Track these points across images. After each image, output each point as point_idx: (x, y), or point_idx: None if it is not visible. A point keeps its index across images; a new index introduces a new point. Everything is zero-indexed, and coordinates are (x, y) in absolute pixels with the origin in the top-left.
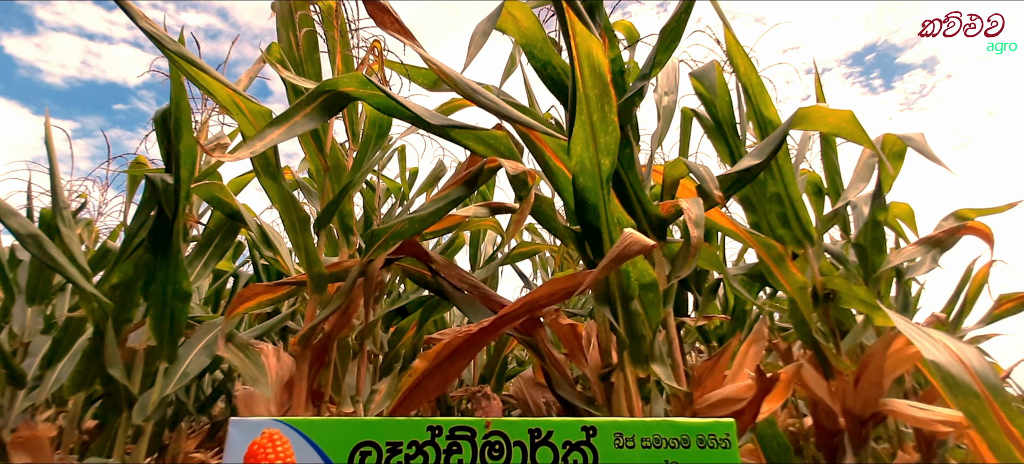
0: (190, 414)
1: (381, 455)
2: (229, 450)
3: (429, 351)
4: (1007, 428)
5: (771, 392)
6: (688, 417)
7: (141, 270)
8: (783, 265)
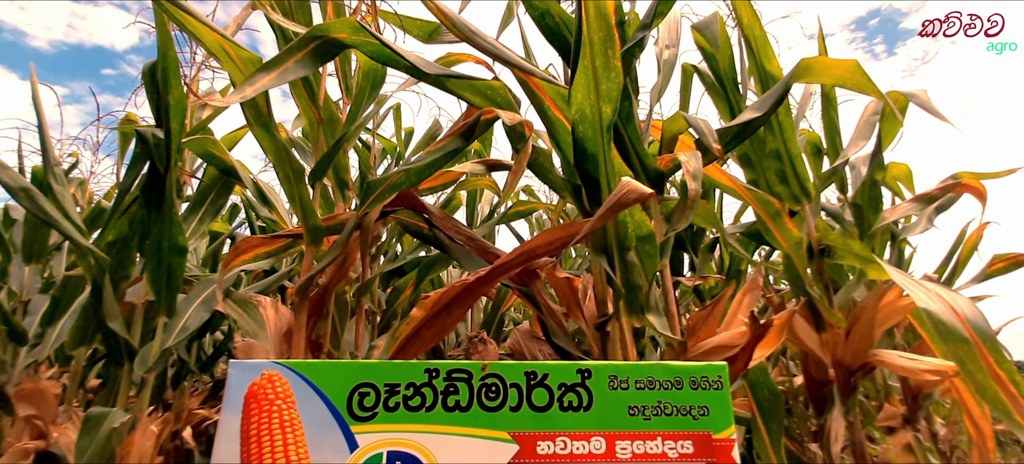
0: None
1: (379, 396)
2: (229, 391)
3: (426, 300)
4: (994, 371)
5: (764, 338)
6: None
7: (136, 227)
8: (780, 221)
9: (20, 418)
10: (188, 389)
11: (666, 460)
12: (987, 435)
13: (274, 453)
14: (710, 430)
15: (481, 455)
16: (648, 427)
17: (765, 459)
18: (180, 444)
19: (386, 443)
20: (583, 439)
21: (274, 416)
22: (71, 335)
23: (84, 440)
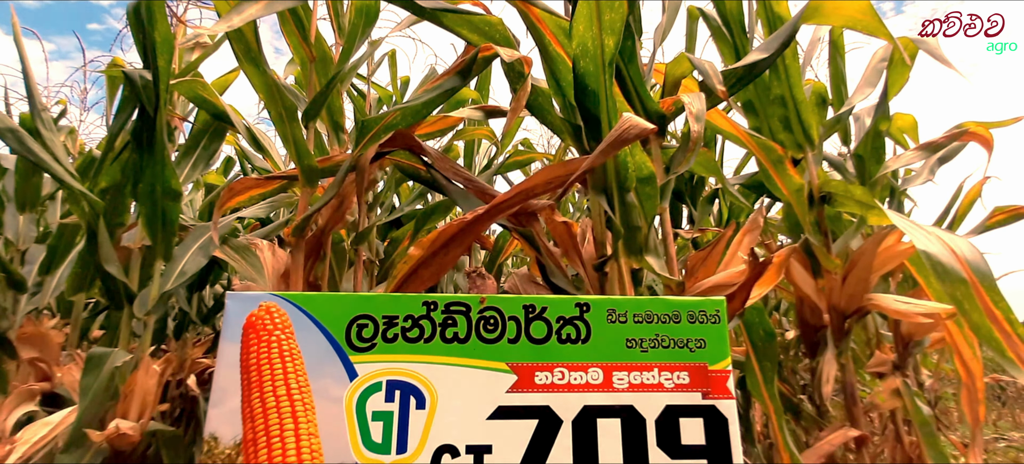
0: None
1: (378, 327)
2: (227, 322)
3: (424, 238)
4: (989, 310)
5: (762, 276)
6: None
7: (129, 173)
8: (781, 168)
9: (24, 361)
10: (190, 340)
11: (662, 390)
12: (977, 375)
13: (274, 381)
14: (706, 362)
15: (479, 385)
16: (645, 359)
17: (757, 397)
18: (185, 391)
19: (385, 373)
20: (581, 370)
21: (273, 346)
22: (69, 281)
23: (87, 378)
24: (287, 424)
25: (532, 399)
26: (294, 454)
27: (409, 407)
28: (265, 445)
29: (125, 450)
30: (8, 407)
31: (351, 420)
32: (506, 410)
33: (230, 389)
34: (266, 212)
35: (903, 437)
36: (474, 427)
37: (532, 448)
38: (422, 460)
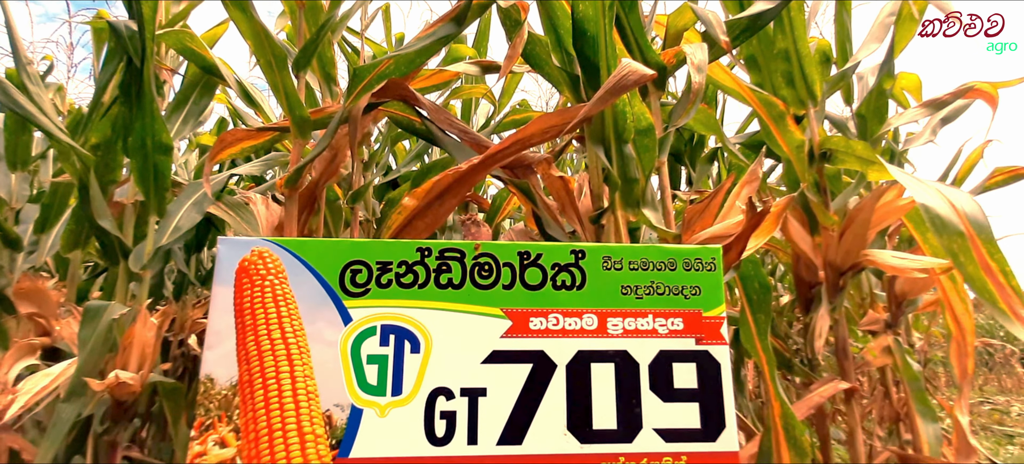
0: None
1: (371, 273)
2: (219, 266)
3: (419, 188)
4: (985, 263)
5: (759, 226)
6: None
7: (120, 129)
8: (783, 124)
9: (23, 317)
10: (190, 301)
11: (656, 336)
12: (968, 331)
13: (268, 324)
14: (701, 309)
15: (474, 330)
16: (640, 305)
17: (750, 348)
18: (186, 351)
19: (380, 317)
20: (575, 316)
21: (267, 290)
22: (64, 239)
23: (86, 330)
24: (282, 366)
25: (526, 344)
26: (290, 395)
27: (404, 351)
28: (261, 386)
29: (127, 401)
30: (9, 360)
31: (346, 363)
32: (500, 354)
33: (224, 332)
34: (261, 170)
35: (892, 394)
36: (468, 371)
37: (526, 391)
38: (417, 402)
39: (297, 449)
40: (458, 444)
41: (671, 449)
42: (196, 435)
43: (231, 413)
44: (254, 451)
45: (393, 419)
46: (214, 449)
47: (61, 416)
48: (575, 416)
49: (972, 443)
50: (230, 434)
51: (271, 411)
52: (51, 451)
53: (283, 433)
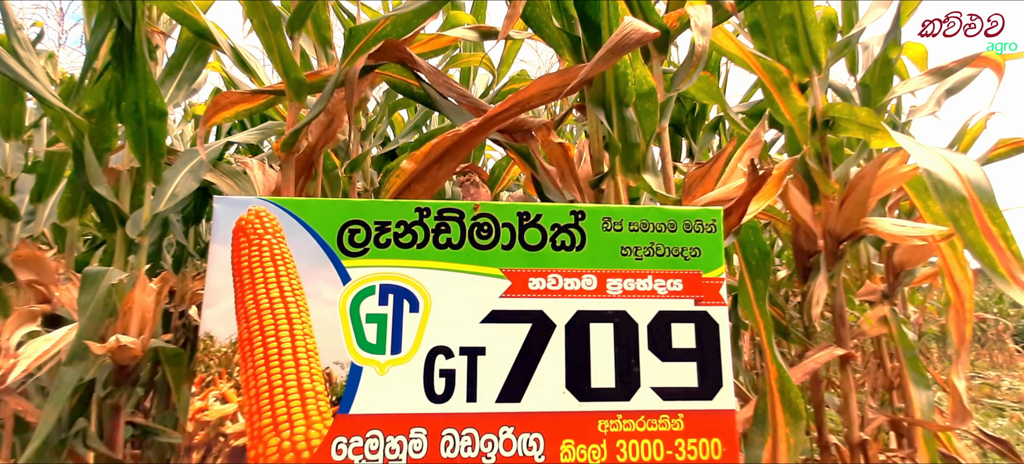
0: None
1: (370, 233)
2: (216, 225)
3: (417, 151)
4: (986, 227)
5: (761, 189)
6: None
7: (113, 96)
8: (786, 91)
9: (23, 285)
10: (189, 273)
11: (655, 297)
12: (966, 297)
13: (267, 283)
14: (700, 270)
15: (473, 289)
16: (639, 266)
17: (748, 314)
18: (187, 322)
19: (378, 277)
20: (575, 276)
21: (264, 249)
22: (61, 207)
23: (85, 296)
24: (281, 325)
25: (525, 304)
26: (290, 352)
27: (403, 310)
28: (261, 344)
29: (128, 365)
30: (10, 327)
31: (345, 322)
32: (499, 314)
33: (223, 290)
34: (257, 139)
35: (886, 365)
36: (467, 330)
37: (525, 350)
38: (416, 360)
39: (298, 405)
40: (457, 401)
41: (668, 407)
42: (197, 391)
43: (231, 370)
44: (255, 407)
45: (393, 377)
46: (215, 405)
47: (63, 379)
48: (574, 375)
49: (967, 408)
50: (231, 390)
51: (271, 368)
52: (54, 413)
53: (283, 389)
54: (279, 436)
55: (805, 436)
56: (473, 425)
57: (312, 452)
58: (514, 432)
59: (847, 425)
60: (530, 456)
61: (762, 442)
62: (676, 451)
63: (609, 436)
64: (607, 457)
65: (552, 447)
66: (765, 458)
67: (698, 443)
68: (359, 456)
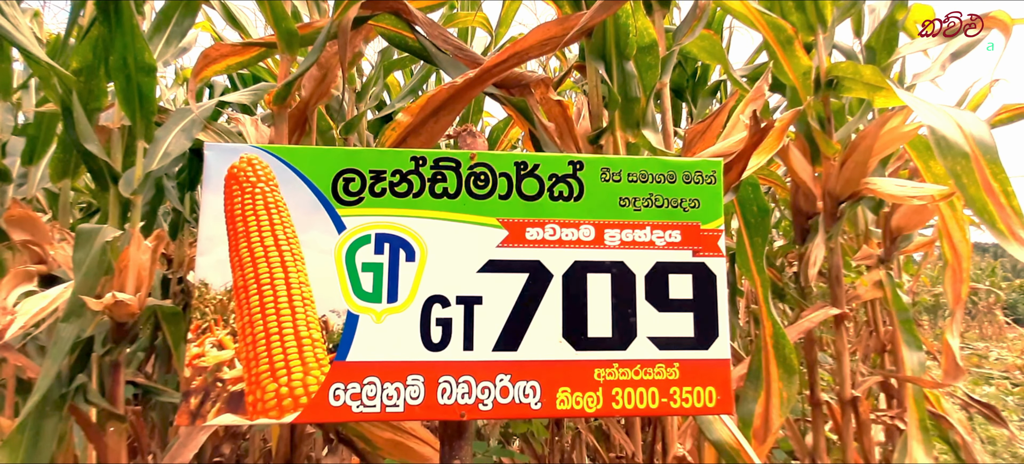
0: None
1: (365, 181)
2: (208, 173)
3: (413, 104)
4: (987, 183)
5: (762, 142)
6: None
7: (101, 53)
8: (791, 49)
9: (18, 247)
10: (187, 240)
11: (653, 248)
12: (963, 257)
13: (261, 232)
14: (699, 221)
15: (470, 239)
16: (638, 217)
17: (745, 272)
18: (185, 287)
19: (374, 226)
20: (572, 227)
21: (257, 197)
22: (53, 167)
23: (80, 253)
24: (277, 273)
25: (523, 254)
26: (286, 300)
27: (399, 259)
28: (256, 292)
29: (126, 322)
30: (6, 287)
31: (341, 270)
32: (496, 264)
33: (216, 238)
34: (250, 100)
35: (879, 328)
36: (464, 279)
37: (522, 300)
38: (413, 309)
39: (295, 352)
40: (454, 349)
41: (664, 356)
42: (193, 337)
43: (227, 317)
44: (252, 353)
45: (389, 325)
46: (212, 351)
47: (61, 335)
48: (570, 324)
49: (960, 365)
50: (227, 337)
51: (267, 315)
52: (54, 368)
53: (280, 337)
54: (277, 382)
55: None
56: (470, 373)
57: (310, 397)
58: (511, 380)
59: (839, 383)
60: (526, 403)
61: (755, 397)
62: (671, 399)
63: (605, 384)
64: (603, 405)
65: (548, 395)
66: (758, 411)
67: (693, 391)
68: (357, 402)
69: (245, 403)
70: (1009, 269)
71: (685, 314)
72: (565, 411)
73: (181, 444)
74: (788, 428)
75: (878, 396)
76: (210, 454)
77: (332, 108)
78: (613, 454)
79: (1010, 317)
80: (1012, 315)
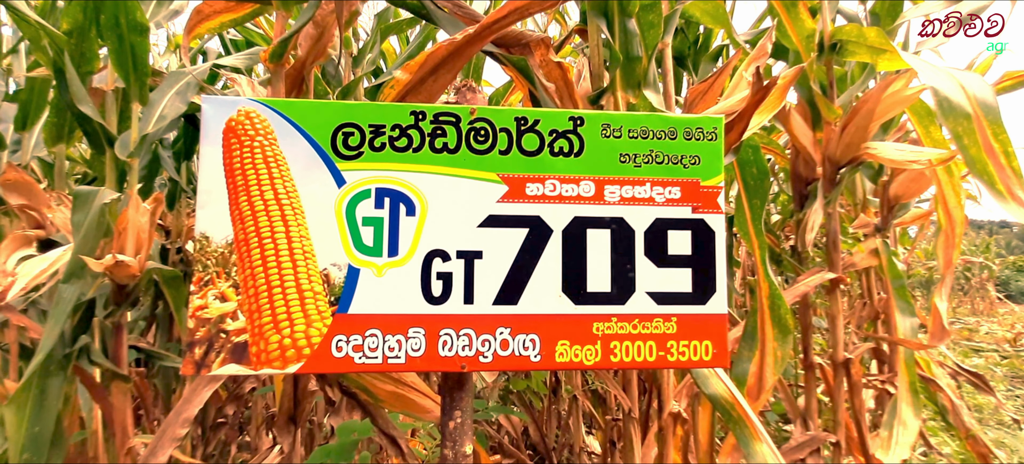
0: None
1: (364, 136)
2: (206, 127)
3: (412, 61)
4: (988, 144)
5: (764, 101)
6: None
7: (91, 13)
8: (795, 11)
9: (15, 212)
10: (184, 209)
11: (653, 204)
12: (958, 222)
13: (260, 185)
14: (699, 178)
15: (469, 194)
16: (638, 173)
17: (743, 234)
18: (184, 257)
19: (374, 181)
20: (572, 183)
21: (256, 151)
22: (47, 132)
23: (78, 215)
24: (277, 226)
25: (523, 209)
26: (287, 253)
27: (399, 214)
28: (257, 245)
29: (127, 284)
30: (5, 251)
31: (341, 224)
32: (496, 219)
33: (215, 191)
34: (244, 64)
35: (873, 297)
36: (464, 234)
37: (522, 254)
38: (413, 263)
39: (297, 304)
40: (454, 303)
41: (662, 311)
42: (196, 289)
43: (229, 270)
44: (255, 306)
45: (390, 278)
46: (214, 303)
47: (63, 296)
48: (570, 279)
49: (946, 327)
50: (230, 289)
51: (268, 269)
52: (56, 329)
53: (282, 289)
54: (280, 333)
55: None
56: (470, 326)
57: (313, 349)
58: (511, 333)
59: (833, 345)
60: (526, 356)
61: (750, 357)
62: (668, 352)
63: (603, 338)
64: (601, 358)
65: (548, 347)
66: (752, 370)
67: (690, 345)
68: (359, 353)
69: (249, 354)
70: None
71: (683, 270)
72: (564, 364)
73: (186, 399)
74: (781, 390)
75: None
76: (214, 416)
77: (328, 73)
78: (609, 417)
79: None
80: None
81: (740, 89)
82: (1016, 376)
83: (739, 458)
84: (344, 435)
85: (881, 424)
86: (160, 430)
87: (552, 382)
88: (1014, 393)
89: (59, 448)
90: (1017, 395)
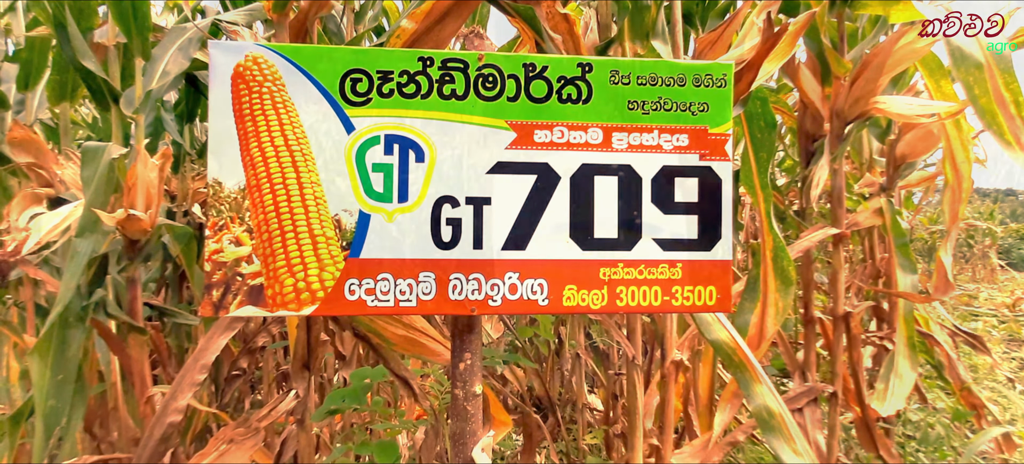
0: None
1: (372, 82)
2: (214, 73)
3: (418, 9)
4: (998, 94)
5: (774, 49)
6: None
7: None
8: None
9: (24, 172)
10: (189, 173)
11: (660, 151)
12: (964, 177)
13: (271, 131)
14: (707, 125)
15: (478, 140)
16: (646, 121)
17: (749, 187)
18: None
19: (382, 127)
20: (581, 130)
21: (265, 97)
22: (50, 89)
23: (88, 170)
24: (288, 172)
25: (531, 156)
26: (299, 199)
27: (408, 160)
28: (269, 191)
29: (139, 239)
30: (16, 208)
31: (351, 170)
32: (505, 165)
33: (226, 136)
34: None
35: (876, 256)
36: (473, 180)
37: (530, 201)
38: (423, 209)
39: (310, 248)
40: (464, 248)
41: (668, 257)
42: (210, 234)
43: (243, 215)
44: (268, 250)
45: (400, 224)
46: (230, 247)
47: (77, 250)
48: (577, 225)
49: (950, 281)
50: (244, 234)
51: (281, 214)
52: (73, 281)
53: (295, 234)
54: (294, 277)
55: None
56: (480, 271)
57: (326, 292)
58: (519, 277)
59: (833, 299)
60: (534, 300)
61: (752, 308)
62: (673, 297)
63: (610, 283)
64: (607, 302)
65: (555, 292)
66: (753, 321)
67: (694, 290)
68: (371, 297)
69: (265, 296)
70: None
71: (690, 216)
72: (571, 308)
73: (203, 347)
74: (780, 344)
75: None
76: (228, 370)
77: (330, 30)
78: (612, 371)
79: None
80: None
81: (750, 38)
82: (1013, 339)
83: (739, 403)
84: (358, 380)
85: (878, 379)
86: (180, 375)
87: (556, 344)
88: (1010, 355)
89: (81, 396)
90: (1014, 357)
